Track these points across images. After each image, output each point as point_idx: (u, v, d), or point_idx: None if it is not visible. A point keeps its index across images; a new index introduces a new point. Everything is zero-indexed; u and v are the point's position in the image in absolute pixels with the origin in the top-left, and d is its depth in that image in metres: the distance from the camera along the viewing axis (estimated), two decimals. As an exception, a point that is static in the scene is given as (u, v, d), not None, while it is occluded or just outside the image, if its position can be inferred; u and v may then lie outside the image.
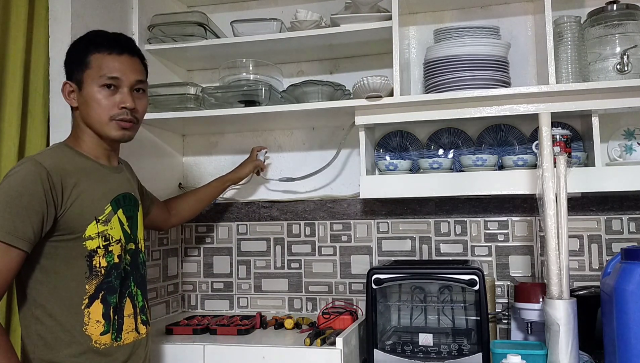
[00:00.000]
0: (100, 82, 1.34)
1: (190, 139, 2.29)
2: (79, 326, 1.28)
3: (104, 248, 1.32)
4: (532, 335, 1.67)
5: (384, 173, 1.89)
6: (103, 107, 1.34)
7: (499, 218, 1.96)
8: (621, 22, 1.67)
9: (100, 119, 1.35)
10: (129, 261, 1.40)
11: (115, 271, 1.34)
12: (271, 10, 2.17)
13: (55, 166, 1.27)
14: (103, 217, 1.33)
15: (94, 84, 1.34)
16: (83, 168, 1.34)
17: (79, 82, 1.35)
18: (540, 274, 1.91)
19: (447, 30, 1.80)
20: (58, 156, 1.32)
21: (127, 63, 1.38)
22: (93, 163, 1.37)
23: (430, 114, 1.79)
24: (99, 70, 1.34)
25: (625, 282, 1.34)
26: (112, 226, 1.35)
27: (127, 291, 1.38)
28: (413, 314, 1.80)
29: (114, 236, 1.35)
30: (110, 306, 1.33)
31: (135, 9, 1.94)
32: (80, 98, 1.35)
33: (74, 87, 1.36)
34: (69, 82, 1.37)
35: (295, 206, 2.15)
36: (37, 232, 1.21)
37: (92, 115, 1.34)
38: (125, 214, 1.40)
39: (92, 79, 1.34)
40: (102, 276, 1.31)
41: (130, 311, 1.38)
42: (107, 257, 1.33)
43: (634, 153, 1.79)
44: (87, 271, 1.29)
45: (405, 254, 2.04)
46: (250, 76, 1.94)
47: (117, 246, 1.35)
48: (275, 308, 2.15)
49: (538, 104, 1.70)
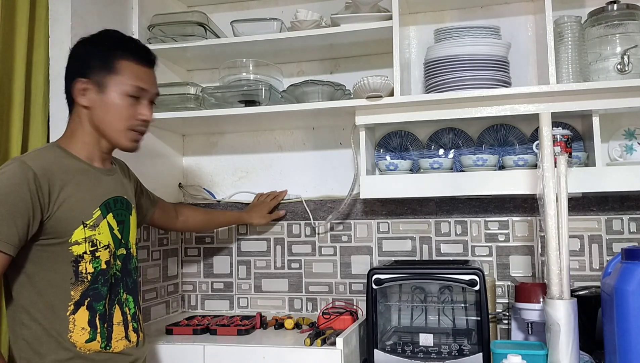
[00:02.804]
0: (127, 90, 1.32)
1: (190, 139, 2.29)
2: (64, 332, 1.25)
3: (91, 254, 1.29)
4: (532, 335, 1.66)
5: (384, 173, 1.89)
6: (124, 116, 1.32)
7: (499, 218, 1.96)
8: (622, 22, 1.67)
9: (117, 126, 1.33)
10: (119, 267, 1.37)
11: (103, 277, 1.31)
12: (271, 10, 2.17)
13: (43, 168, 1.23)
14: (91, 222, 1.29)
15: (119, 91, 1.31)
16: (73, 170, 1.30)
17: (100, 84, 1.31)
18: (541, 274, 1.91)
19: (447, 30, 1.80)
20: (47, 157, 1.28)
21: (152, 76, 1.39)
22: (84, 165, 1.34)
23: (431, 114, 1.79)
24: (129, 78, 1.32)
25: (625, 282, 1.34)
26: (100, 231, 1.31)
27: (116, 298, 1.35)
28: (413, 314, 1.80)
29: (101, 241, 1.31)
30: (97, 314, 1.29)
31: (135, 8, 1.94)
32: (98, 100, 1.32)
33: (92, 87, 1.32)
34: (87, 80, 1.31)
35: (295, 206, 2.14)
36: (22, 236, 1.18)
37: (111, 121, 1.32)
38: (115, 219, 1.36)
39: (118, 85, 1.31)
40: (88, 282, 1.28)
41: (119, 319, 1.35)
42: (94, 263, 1.29)
43: (634, 153, 1.79)
44: (72, 277, 1.26)
45: (405, 254, 2.03)
46: (250, 76, 1.94)
47: (105, 251, 1.32)
48: (276, 309, 2.15)
49: (538, 104, 1.70)
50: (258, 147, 2.22)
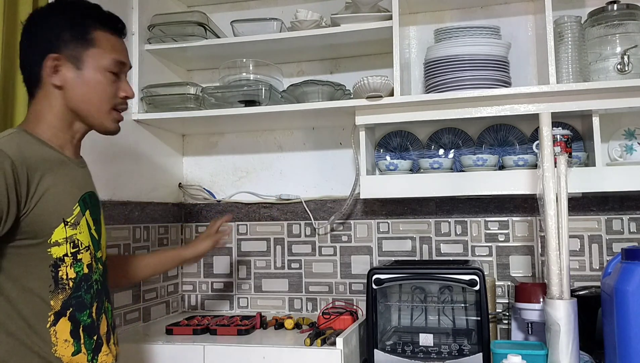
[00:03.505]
0: (107, 65, 1.18)
1: (190, 139, 2.29)
2: (47, 347, 1.08)
3: (72, 256, 1.12)
4: (532, 335, 1.66)
5: (384, 173, 1.89)
6: (108, 95, 1.19)
7: (499, 218, 1.96)
8: (622, 22, 1.67)
9: (101, 107, 1.18)
10: (101, 271, 1.21)
11: (86, 283, 1.15)
12: (271, 10, 2.17)
13: (20, 156, 1.05)
14: (72, 219, 1.13)
15: (98, 66, 1.17)
16: (47, 159, 1.12)
17: (76, 59, 1.15)
18: (541, 274, 1.91)
19: (447, 30, 1.80)
20: (20, 143, 1.09)
21: (126, 49, 1.25)
22: (58, 153, 1.16)
23: (431, 114, 1.79)
24: (108, 52, 1.18)
25: (625, 282, 1.33)
26: (80, 230, 1.14)
27: (102, 307, 1.20)
28: (413, 314, 1.80)
29: (83, 242, 1.15)
30: (80, 324, 1.13)
31: (135, 9, 1.94)
32: (75, 78, 1.15)
33: (66, 63, 1.15)
34: (58, 55, 1.14)
35: (295, 206, 2.14)
36: None
37: (94, 101, 1.17)
38: (92, 217, 1.19)
39: (97, 59, 1.17)
40: (70, 289, 1.11)
41: (104, 330, 1.20)
42: (76, 267, 1.13)
43: (634, 153, 1.79)
44: (52, 284, 1.09)
45: (405, 254, 2.03)
46: (251, 76, 1.94)
47: (87, 253, 1.16)
48: (276, 309, 2.15)
49: (538, 104, 1.70)
50: (258, 147, 2.22)
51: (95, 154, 1.58)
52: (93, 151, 1.58)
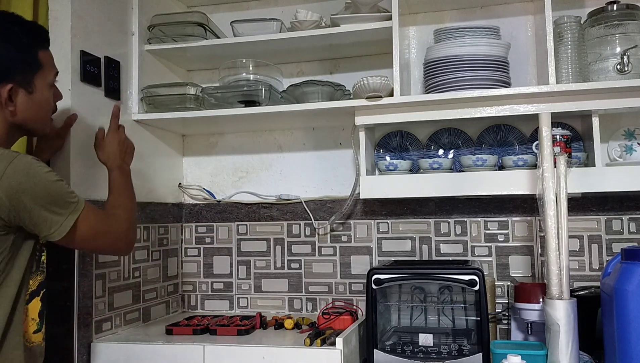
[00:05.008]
0: (51, 81, 1.24)
1: (190, 139, 2.29)
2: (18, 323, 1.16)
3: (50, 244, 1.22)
4: (532, 336, 1.67)
5: (384, 173, 1.89)
6: (50, 106, 1.27)
7: (499, 218, 1.96)
8: (621, 22, 1.67)
9: (45, 118, 1.26)
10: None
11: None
12: (271, 10, 2.17)
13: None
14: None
15: (45, 84, 1.23)
16: None
17: (27, 84, 1.19)
18: (541, 274, 1.91)
19: (447, 30, 1.80)
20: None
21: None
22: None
23: (431, 114, 1.79)
24: (50, 68, 1.23)
25: (625, 282, 1.34)
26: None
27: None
28: (413, 314, 1.80)
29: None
30: (44, 307, 1.27)
31: (135, 9, 1.94)
32: (27, 102, 1.19)
33: (19, 90, 1.18)
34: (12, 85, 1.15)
35: (295, 206, 2.15)
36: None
37: (41, 117, 1.24)
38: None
39: (44, 79, 1.22)
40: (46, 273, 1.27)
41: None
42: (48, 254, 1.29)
43: (634, 153, 1.79)
44: (34, 266, 1.22)
45: (405, 254, 2.03)
46: (250, 76, 1.94)
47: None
48: (275, 309, 2.15)
49: (538, 104, 1.70)
50: (258, 147, 2.22)
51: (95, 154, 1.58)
52: (93, 151, 1.58)
